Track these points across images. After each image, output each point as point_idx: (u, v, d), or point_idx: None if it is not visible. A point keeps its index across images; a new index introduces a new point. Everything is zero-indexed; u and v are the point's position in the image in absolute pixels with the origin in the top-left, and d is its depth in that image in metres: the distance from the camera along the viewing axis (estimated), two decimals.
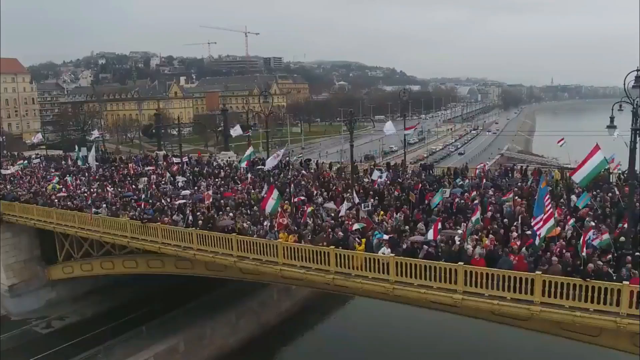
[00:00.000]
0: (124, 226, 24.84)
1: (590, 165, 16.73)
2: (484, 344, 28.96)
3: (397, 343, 30.66)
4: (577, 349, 20.24)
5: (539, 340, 18.28)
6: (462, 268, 15.02)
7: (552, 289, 14.01)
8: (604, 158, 17.38)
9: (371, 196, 26.03)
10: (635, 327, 13.58)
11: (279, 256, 18.73)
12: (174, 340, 28.87)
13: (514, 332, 18.62)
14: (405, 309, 24.95)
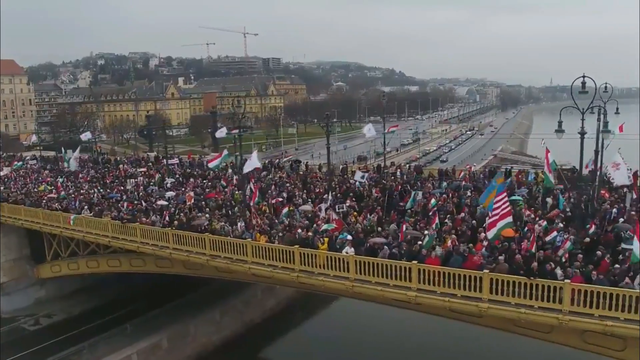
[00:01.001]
0: (105, 226, 25.58)
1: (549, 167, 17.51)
2: (470, 346, 29.23)
3: (380, 343, 31.18)
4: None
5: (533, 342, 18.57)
6: (416, 266, 15.75)
7: (500, 287, 14.69)
8: (553, 160, 18.04)
9: (350, 197, 26.81)
10: (578, 324, 14.27)
11: (248, 255, 19.48)
12: (157, 337, 29.54)
13: (508, 337, 19.18)
14: (390, 310, 25.74)
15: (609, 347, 15.65)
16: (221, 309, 33.60)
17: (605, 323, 13.76)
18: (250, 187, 26.30)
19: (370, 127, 33.09)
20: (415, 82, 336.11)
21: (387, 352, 30.42)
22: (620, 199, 23.53)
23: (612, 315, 13.74)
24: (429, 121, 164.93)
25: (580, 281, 14.16)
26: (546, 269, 14.60)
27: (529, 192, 25.58)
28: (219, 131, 39.98)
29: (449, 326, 25.53)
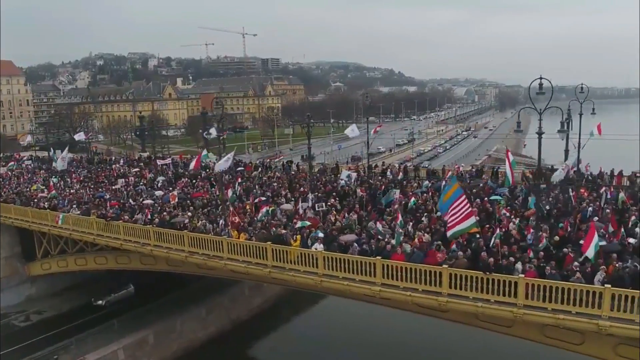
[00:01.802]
0: (90, 224, 26.21)
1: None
2: (459, 346, 29.57)
3: (366, 341, 31.65)
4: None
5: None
6: (380, 262, 16.35)
7: (459, 282, 15.28)
8: (513, 159, 18.71)
9: (334, 197, 27.44)
10: (532, 317, 14.86)
11: (224, 251, 20.10)
12: (143, 333, 30.18)
13: (501, 338, 19.39)
14: (378, 309, 26.08)
15: (568, 341, 16.25)
16: (207, 306, 34.23)
17: (557, 316, 14.33)
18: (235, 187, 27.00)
19: (353, 127, 33.73)
20: (414, 83, 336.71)
21: (372, 350, 30.85)
22: (598, 198, 24.20)
23: (565, 309, 14.31)
24: (425, 121, 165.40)
25: (534, 276, 14.72)
26: (502, 264, 15.16)
27: (510, 192, 26.30)
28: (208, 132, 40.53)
29: (436, 325, 25.93)
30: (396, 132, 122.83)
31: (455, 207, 17.48)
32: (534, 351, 22.60)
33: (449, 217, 16.97)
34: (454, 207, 17.48)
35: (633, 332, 13.98)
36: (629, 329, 13.91)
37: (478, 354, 28.98)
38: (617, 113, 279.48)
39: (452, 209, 17.48)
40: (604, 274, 15.51)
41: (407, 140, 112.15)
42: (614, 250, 17.35)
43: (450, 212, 17.57)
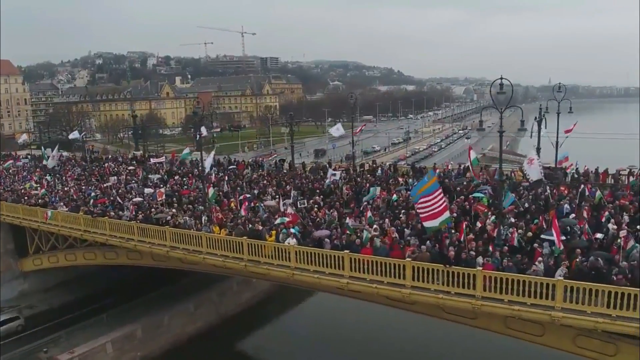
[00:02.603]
0: (78, 220, 26.92)
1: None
2: (447, 343, 30.01)
3: (353, 337, 32.20)
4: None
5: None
6: (348, 255, 17.04)
7: (421, 274, 15.97)
8: (475, 157, 19.35)
9: (318, 194, 28.15)
10: (490, 309, 15.54)
11: (203, 246, 20.84)
12: (131, 327, 30.82)
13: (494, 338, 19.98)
14: (363, 307, 26.62)
15: (529, 333, 16.91)
16: (195, 300, 34.86)
17: (513, 307, 15.01)
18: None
19: (338, 126, 34.40)
20: (413, 82, 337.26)
21: (358, 346, 31.25)
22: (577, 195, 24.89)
23: (520, 300, 14.99)
24: (422, 120, 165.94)
25: (492, 269, 15.39)
26: (462, 257, 15.83)
27: (493, 189, 26.96)
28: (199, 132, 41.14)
29: (426, 323, 26.22)
30: (392, 131, 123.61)
31: (429, 200, 18.04)
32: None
33: (422, 209, 17.49)
34: (427, 200, 18.04)
35: (587, 323, 14.65)
36: (582, 320, 14.56)
37: (469, 352, 29.34)
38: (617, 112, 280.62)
39: (426, 201, 18.04)
40: (565, 269, 16.22)
41: (402, 139, 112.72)
42: (580, 246, 18.07)
43: (422, 203, 18.10)
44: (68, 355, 27.66)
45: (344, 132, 35.32)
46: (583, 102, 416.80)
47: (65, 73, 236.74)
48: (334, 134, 34.61)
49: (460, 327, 19.02)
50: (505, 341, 19.07)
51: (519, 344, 18.91)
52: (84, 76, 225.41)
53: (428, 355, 30.34)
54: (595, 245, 18.36)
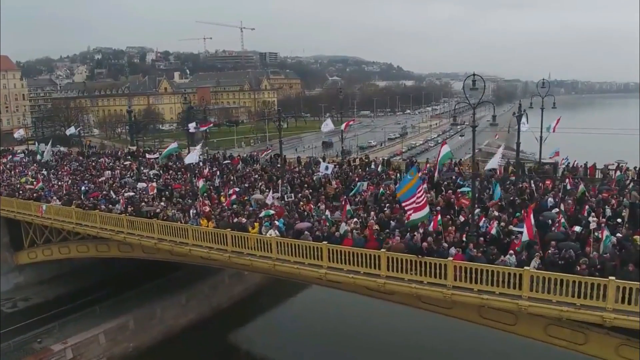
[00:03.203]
0: (70, 213, 27.52)
1: (441, 156, 19.73)
2: (435, 341, 30.62)
3: (345, 330, 32.67)
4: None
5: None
6: (325, 246, 17.61)
7: (395, 265, 16.54)
8: (449, 150, 19.92)
9: (307, 188, 28.75)
10: (461, 298, 16.12)
11: (189, 238, 21.45)
12: (124, 318, 31.46)
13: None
14: (358, 300, 27.06)
15: (502, 322, 17.49)
16: (188, 293, 35.48)
17: (482, 297, 15.59)
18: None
19: (328, 122, 34.87)
20: (412, 77, 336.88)
21: (349, 339, 31.65)
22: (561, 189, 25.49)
23: (489, 290, 15.56)
24: (420, 115, 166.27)
25: (462, 259, 15.96)
26: (434, 248, 16.40)
27: (480, 183, 27.52)
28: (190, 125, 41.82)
29: (417, 319, 27.09)
30: (389, 126, 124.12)
31: (415, 197, 18.66)
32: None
33: (408, 206, 18.07)
34: (414, 197, 18.65)
35: (552, 312, 15.22)
36: (547, 309, 15.14)
37: (453, 345, 29.79)
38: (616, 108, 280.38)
39: (413, 199, 18.63)
40: (539, 260, 16.79)
41: (399, 134, 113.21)
42: (555, 239, 18.64)
43: (410, 200, 18.69)
44: (61, 346, 28.29)
45: (334, 128, 35.81)
46: (583, 97, 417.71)
47: (64, 68, 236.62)
48: (323, 130, 35.08)
49: (456, 323, 19.47)
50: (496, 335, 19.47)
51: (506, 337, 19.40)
52: (83, 71, 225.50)
53: (419, 348, 30.67)
54: (572, 237, 18.97)
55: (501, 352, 27.84)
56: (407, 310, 21.80)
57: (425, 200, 19.53)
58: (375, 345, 30.89)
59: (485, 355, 28.99)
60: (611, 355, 16.50)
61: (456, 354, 29.46)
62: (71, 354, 28.47)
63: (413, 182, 19.24)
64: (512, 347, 25.86)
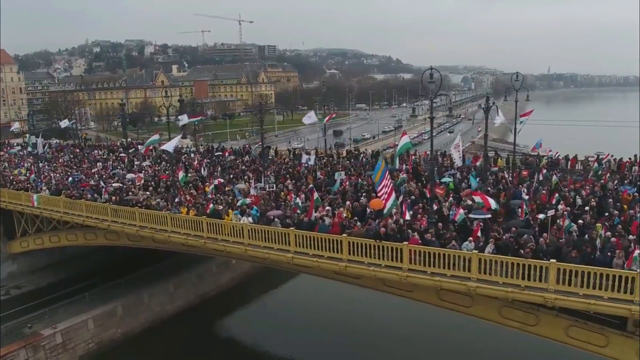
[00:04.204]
0: (57, 203, 28.58)
1: (400, 146, 20.47)
2: (426, 332, 31.25)
3: (332, 320, 33.55)
4: None
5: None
6: (293, 232, 18.64)
7: (357, 249, 17.56)
8: (408, 141, 20.93)
9: (289, 179, 29.82)
10: (414, 280, 17.14)
11: (168, 225, 22.50)
12: (112, 305, 32.56)
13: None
14: (343, 290, 28.03)
15: (460, 304, 18.52)
16: (175, 281, 36.54)
17: (434, 278, 16.61)
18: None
19: (311, 114, 35.78)
20: (411, 70, 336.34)
21: (335, 327, 32.43)
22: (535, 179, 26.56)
23: (441, 272, 16.59)
24: (416, 109, 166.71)
25: (417, 243, 16.96)
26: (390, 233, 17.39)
27: (460, 174, 28.55)
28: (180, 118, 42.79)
29: (394, 308, 28.34)
30: (385, 119, 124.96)
31: (384, 184, 19.68)
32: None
33: (381, 193, 19.10)
34: (383, 185, 19.69)
35: (498, 292, 16.25)
36: (493, 290, 16.17)
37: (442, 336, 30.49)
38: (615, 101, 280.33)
39: (383, 186, 19.66)
40: (493, 246, 17.80)
41: (393, 127, 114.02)
42: (516, 226, 19.67)
43: (381, 188, 19.72)
44: (51, 331, 29.42)
45: (316, 120, 36.74)
46: (582, 90, 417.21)
47: (62, 62, 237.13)
48: (306, 122, 36.01)
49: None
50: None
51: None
52: (81, 65, 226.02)
53: (405, 338, 31.19)
54: (534, 224, 19.98)
55: (493, 347, 28.56)
56: (393, 302, 22.72)
57: (392, 188, 20.56)
58: (360, 334, 31.60)
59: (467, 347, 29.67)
60: (561, 336, 17.56)
61: (446, 345, 30.03)
62: (60, 339, 29.61)
63: (381, 171, 20.27)
64: (504, 343, 26.94)
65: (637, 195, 22.31)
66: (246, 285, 41.01)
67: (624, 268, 15.72)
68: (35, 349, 28.45)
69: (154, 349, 32.10)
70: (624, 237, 17.68)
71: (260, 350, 31.54)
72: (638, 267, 15.64)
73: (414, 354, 29.62)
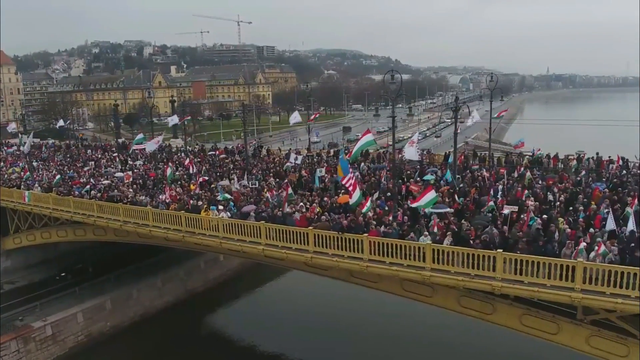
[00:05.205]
0: (47, 199, 29.77)
1: (361, 143, 21.94)
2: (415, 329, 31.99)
3: (320, 317, 34.27)
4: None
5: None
6: (264, 226, 19.78)
7: (321, 241, 18.68)
8: (372, 139, 21.93)
9: (273, 177, 31.00)
10: (374, 269, 18.23)
11: (149, 220, 23.66)
12: (101, 299, 33.68)
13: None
14: (330, 288, 29.13)
15: (421, 294, 19.63)
16: (164, 277, 37.59)
17: (391, 268, 17.72)
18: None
19: (295, 114, 36.96)
20: (410, 71, 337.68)
21: (321, 323, 33.31)
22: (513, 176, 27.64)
23: (398, 262, 17.69)
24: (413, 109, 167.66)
25: (376, 235, 18.07)
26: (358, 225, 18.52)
27: (441, 171, 29.68)
28: (170, 118, 44.12)
29: (383, 303, 29.00)
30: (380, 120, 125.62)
31: (349, 178, 20.76)
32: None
33: (346, 183, 20.18)
34: (348, 179, 20.77)
35: (450, 281, 17.33)
36: (446, 278, 17.27)
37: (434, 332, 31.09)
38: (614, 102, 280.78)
39: (348, 180, 20.74)
40: (451, 238, 18.87)
41: (388, 127, 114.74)
42: (482, 220, 20.76)
43: (346, 181, 20.79)
44: (41, 323, 30.52)
45: (300, 120, 37.93)
46: (580, 91, 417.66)
47: (61, 62, 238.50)
48: (292, 122, 37.23)
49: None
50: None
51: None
52: (80, 65, 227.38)
53: (392, 333, 31.98)
54: (499, 220, 21.05)
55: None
56: (379, 298, 23.95)
57: (356, 182, 21.60)
58: (346, 329, 32.45)
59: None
60: (516, 324, 18.67)
61: (438, 341, 30.67)
62: (50, 331, 30.72)
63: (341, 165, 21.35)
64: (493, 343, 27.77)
65: (607, 192, 23.28)
66: (234, 281, 42.05)
67: (572, 258, 16.80)
68: (26, 341, 29.57)
69: (143, 342, 33.13)
70: (578, 230, 18.73)
71: (247, 344, 32.49)
72: (585, 258, 16.75)
73: (396, 347, 30.48)
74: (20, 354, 29.25)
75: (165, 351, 31.59)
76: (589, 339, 17.40)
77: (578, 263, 15.63)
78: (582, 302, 15.68)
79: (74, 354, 31.23)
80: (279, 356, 30.67)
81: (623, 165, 28.86)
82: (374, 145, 27.09)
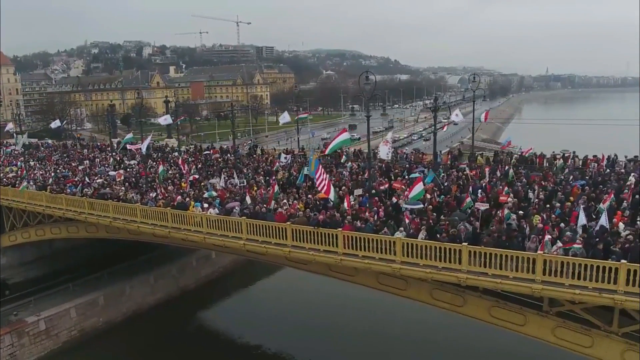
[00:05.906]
0: (40, 197, 30.63)
1: (337, 141, 22.88)
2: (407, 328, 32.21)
3: (309, 314, 35.28)
4: None
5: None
6: (245, 221, 20.64)
7: (299, 235, 19.51)
8: (348, 137, 23.12)
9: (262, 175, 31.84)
10: (348, 263, 19.04)
11: (137, 216, 24.54)
12: (94, 295, 34.56)
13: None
14: (321, 286, 29.67)
15: (396, 287, 20.40)
16: (156, 274, 38.43)
17: (364, 261, 18.55)
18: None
19: (285, 114, 37.86)
20: (409, 71, 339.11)
21: (310, 321, 34.25)
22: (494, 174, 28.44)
23: (370, 255, 18.52)
24: (410, 110, 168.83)
25: (350, 229, 18.90)
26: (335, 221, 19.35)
27: (428, 170, 30.50)
28: (163, 118, 44.88)
29: (378, 301, 29.23)
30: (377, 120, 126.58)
31: (321, 176, 21.48)
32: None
33: (320, 186, 20.98)
34: (321, 179, 21.51)
35: (420, 274, 18.13)
36: (416, 271, 18.09)
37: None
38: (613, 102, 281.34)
39: (320, 178, 21.46)
40: (425, 232, 19.70)
41: (384, 127, 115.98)
42: (459, 216, 21.56)
43: (320, 181, 21.52)
44: (35, 318, 31.44)
45: (289, 119, 38.84)
46: (579, 91, 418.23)
47: (60, 62, 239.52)
48: (281, 121, 38.12)
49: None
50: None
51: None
52: (79, 66, 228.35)
53: (383, 330, 32.71)
54: (477, 215, 21.86)
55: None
56: (370, 296, 24.64)
57: (329, 181, 22.34)
58: (334, 326, 33.08)
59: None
60: (485, 316, 19.41)
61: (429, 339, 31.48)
62: (44, 326, 31.63)
63: (313, 164, 22.06)
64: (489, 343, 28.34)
65: (587, 189, 24.04)
66: (225, 278, 42.91)
67: (536, 251, 17.58)
68: (20, 335, 30.47)
69: (135, 337, 34.00)
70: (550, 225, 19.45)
71: (237, 340, 33.36)
72: (550, 250, 17.54)
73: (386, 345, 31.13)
74: (15, 348, 30.14)
75: (157, 347, 32.31)
76: (554, 330, 18.12)
77: (538, 255, 16.40)
78: (541, 292, 16.43)
79: (67, 349, 32.07)
80: (269, 352, 31.45)
81: (608, 163, 29.56)
82: (349, 144, 27.90)
